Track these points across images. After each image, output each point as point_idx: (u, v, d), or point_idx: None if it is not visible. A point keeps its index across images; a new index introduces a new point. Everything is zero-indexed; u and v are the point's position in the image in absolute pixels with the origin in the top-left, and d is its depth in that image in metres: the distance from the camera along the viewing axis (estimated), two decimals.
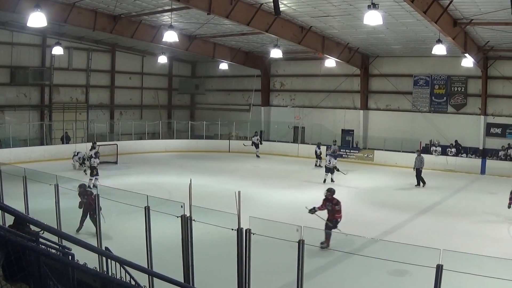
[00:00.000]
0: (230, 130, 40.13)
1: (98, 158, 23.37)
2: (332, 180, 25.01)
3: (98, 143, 28.56)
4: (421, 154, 26.54)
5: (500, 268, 7.51)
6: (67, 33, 32.88)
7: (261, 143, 36.11)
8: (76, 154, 28.21)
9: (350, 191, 23.72)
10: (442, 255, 6.64)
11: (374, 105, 36.96)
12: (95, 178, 22.27)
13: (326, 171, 25.65)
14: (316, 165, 31.39)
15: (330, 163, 25.45)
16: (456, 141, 32.18)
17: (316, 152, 31.98)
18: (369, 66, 36.42)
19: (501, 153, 30.41)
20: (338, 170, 25.33)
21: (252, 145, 35.67)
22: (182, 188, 15.08)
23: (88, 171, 23.74)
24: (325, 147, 32.19)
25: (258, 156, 34.97)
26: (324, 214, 14.58)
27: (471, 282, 7.98)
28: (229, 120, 40.50)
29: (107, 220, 12.45)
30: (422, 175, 25.39)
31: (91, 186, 21.09)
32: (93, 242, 10.54)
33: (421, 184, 25.32)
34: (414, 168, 25.84)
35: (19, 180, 13.07)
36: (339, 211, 14.42)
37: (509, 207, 17.67)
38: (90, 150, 23.89)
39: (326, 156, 26.93)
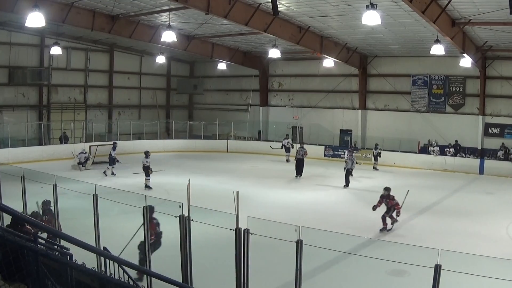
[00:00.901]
0: (228, 130, 40.11)
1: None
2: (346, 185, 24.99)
3: (96, 143, 28.70)
4: (353, 154, 26.29)
5: (498, 268, 7.52)
6: (66, 33, 32.85)
7: (292, 147, 33.22)
8: (83, 152, 28.41)
9: (348, 191, 23.77)
10: (441, 255, 6.65)
11: (372, 105, 36.98)
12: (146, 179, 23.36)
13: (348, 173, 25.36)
14: (286, 160, 31.75)
15: (353, 165, 25.38)
16: (456, 141, 32.18)
17: (284, 145, 32.14)
18: (368, 66, 36.43)
19: (499, 153, 30.39)
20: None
21: (282, 147, 34.14)
22: (181, 188, 15.10)
23: (83, 169, 27.12)
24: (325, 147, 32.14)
25: (288, 161, 32.72)
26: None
27: (469, 282, 7.98)
28: (227, 120, 40.47)
29: (106, 220, 12.42)
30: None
31: (148, 185, 23.01)
32: (92, 242, 10.54)
33: (347, 184, 24.82)
34: (345, 168, 25.08)
35: (17, 180, 13.06)
36: (398, 204, 16.38)
37: None
38: (146, 157, 23.80)
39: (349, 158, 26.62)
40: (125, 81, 40.82)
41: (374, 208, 16.51)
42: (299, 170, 27.13)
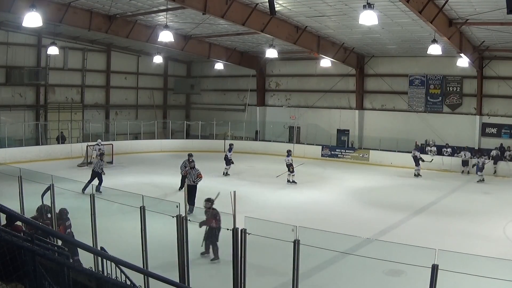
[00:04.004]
0: (225, 130, 40.10)
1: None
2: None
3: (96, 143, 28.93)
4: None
5: (496, 268, 7.54)
6: (63, 33, 32.84)
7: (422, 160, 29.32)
8: (99, 144, 29.05)
9: (345, 191, 23.78)
10: (438, 255, 6.65)
11: (369, 105, 37.01)
12: (290, 174, 24.86)
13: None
14: (226, 173, 27.48)
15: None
16: (446, 144, 32.28)
17: (227, 157, 27.76)
18: (365, 66, 36.48)
19: (493, 152, 29.90)
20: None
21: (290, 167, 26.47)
22: (177, 188, 15.08)
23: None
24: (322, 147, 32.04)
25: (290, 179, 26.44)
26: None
27: (467, 282, 7.99)
28: (224, 120, 40.50)
29: (103, 220, 12.42)
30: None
31: (291, 180, 24.74)
32: (89, 242, 10.53)
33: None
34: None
35: (14, 180, 13.03)
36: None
37: None
38: (288, 156, 25.11)
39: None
40: (122, 81, 40.80)
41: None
42: (190, 201, 17.14)
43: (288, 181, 24.90)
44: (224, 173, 27.22)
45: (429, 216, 18.93)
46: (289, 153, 25.54)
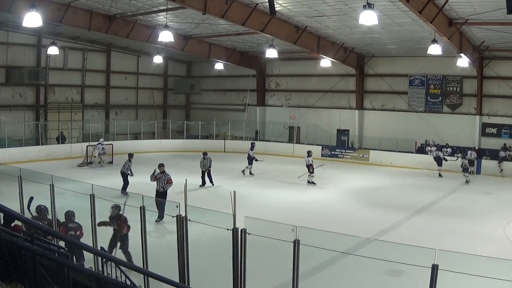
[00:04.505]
0: (225, 130, 40.12)
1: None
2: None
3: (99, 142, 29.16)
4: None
5: (496, 268, 7.53)
6: (63, 33, 32.85)
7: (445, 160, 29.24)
8: (101, 143, 29.43)
9: (345, 191, 23.78)
10: (438, 255, 6.65)
11: (369, 105, 37.02)
12: (310, 175, 24.94)
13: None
14: (249, 172, 27.69)
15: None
16: (447, 144, 32.32)
17: (249, 155, 28.03)
18: (365, 66, 36.48)
19: (503, 153, 29.92)
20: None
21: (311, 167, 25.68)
22: (178, 188, 15.14)
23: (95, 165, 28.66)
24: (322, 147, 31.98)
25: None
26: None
27: (467, 282, 7.99)
28: (224, 120, 40.55)
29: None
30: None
31: (310, 181, 24.80)
32: (89, 242, 10.53)
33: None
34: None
35: (14, 180, 13.04)
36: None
37: None
38: (309, 156, 25.26)
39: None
40: (122, 81, 40.81)
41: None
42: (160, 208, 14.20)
43: (308, 182, 24.87)
44: (247, 172, 27.59)
45: (429, 216, 18.93)
46: (309, 153, 25.63)
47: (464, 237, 15.75)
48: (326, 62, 33.62)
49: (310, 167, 24.86)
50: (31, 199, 11.82)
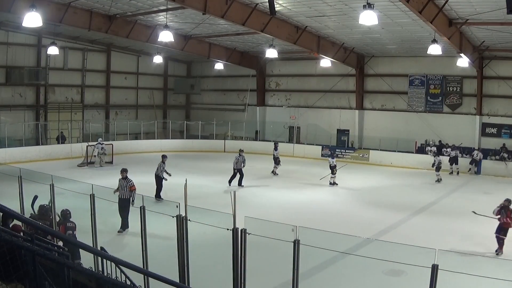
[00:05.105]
0: (225, 130, 40.11)
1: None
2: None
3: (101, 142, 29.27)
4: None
5: (495, 268, 7.54)
6: (63, 33, 32.84)
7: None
8: (100, 142, 29.38)
9: (345, 191, 23.78)
10: (438, 255, 6.65)
11: (369, 105, 37.02)
12: (332, 177, 24.84)
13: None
14: (275, 172, 28.04)
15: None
16: (440, 141, 32.56)
17: (274, 156, 28.47)
18: (365, 66, 36.48)
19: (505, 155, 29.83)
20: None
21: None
22: (178, 188, 15.14)
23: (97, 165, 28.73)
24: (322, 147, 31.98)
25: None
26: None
27: (466, 282, 8.00)
28: (224, 120, 40.53)
29: (103, 220, 12.43)
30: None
31: (332, 182, 24.73)
32: (89, 242, 10.53)
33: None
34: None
35: (14, 180, 13.04)
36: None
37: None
38: (333, 158, 25.55)
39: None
40: (122, 81, 40.82)
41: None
42: (124, 216, 15.05)
43: (330, 183, 24.81)
44: (273, 172, 27.83)
45: (429, 216, 18.92)
46: (333, 155, 26.27)
47: (464, 237, 15.75)
48: (326, 62, 33.63)
49: (334, 168, 24.81)
50: (35, 197, 11.84)
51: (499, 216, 14.07)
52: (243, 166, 23.68)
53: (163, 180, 20.01)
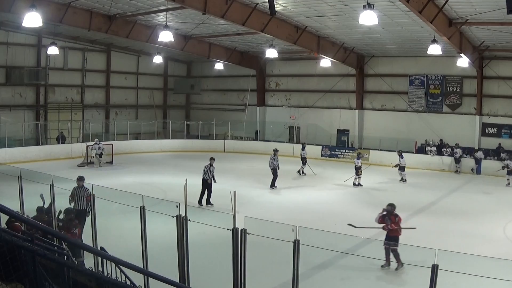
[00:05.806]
0: (225, 130, 40.11)
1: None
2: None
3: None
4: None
5: (495, 268, 7.53)
6: (63, 33, 32.86)
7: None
8: (97, 143, 29.39)
9: (345, 191, 23.77)
10: (438, 255, 6.65)
11: (369, 105, 37.01)
12: (357, 177, 25.06)
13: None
14: (302, 172, 28.36)
15: None
16: (441, 140, 32.76)
17: (301, 155, 28.73)
18: (365, 66, 36.48)
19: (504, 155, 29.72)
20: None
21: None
22: (178, 188, 15.14)
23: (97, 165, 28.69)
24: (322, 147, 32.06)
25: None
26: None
27: (467, 282, 7.99)
28: (224, 120, 40.51)
29: (103, 220, 12.42)
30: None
31: (356, 183, 24.86)
32: (89, 242, 10.53)
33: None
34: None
35: (14, 180, 13.03)
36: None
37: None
38: (358, 159, 25.61)
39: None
40: (122, 81, 40.83)
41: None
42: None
43: (354, 184, 24.90)
44: (300, 172, 28.26)
45: (429, 216, 18.90)
46: (359, 155, 26.19)
47: (464, 237, 15.74)
48: (326, 62, 33.64)
49: (359, 169, 24.92)
50: (42, 196, 11.95)
51: (383, 224, 12.79)
52: (278, 167, 23.92)
53: (213, 183, 19.29)
